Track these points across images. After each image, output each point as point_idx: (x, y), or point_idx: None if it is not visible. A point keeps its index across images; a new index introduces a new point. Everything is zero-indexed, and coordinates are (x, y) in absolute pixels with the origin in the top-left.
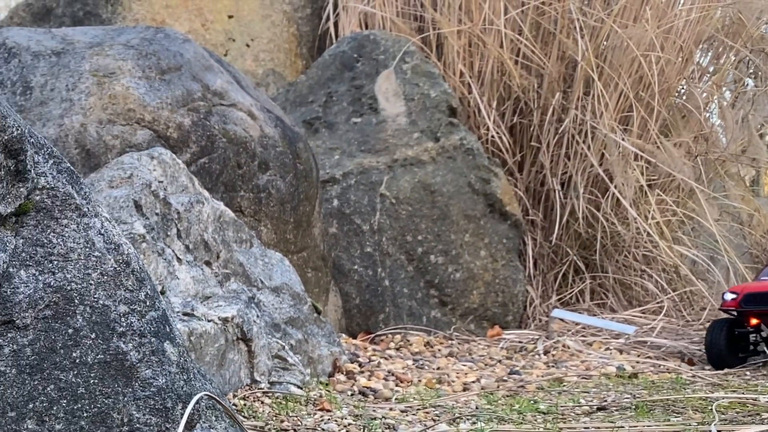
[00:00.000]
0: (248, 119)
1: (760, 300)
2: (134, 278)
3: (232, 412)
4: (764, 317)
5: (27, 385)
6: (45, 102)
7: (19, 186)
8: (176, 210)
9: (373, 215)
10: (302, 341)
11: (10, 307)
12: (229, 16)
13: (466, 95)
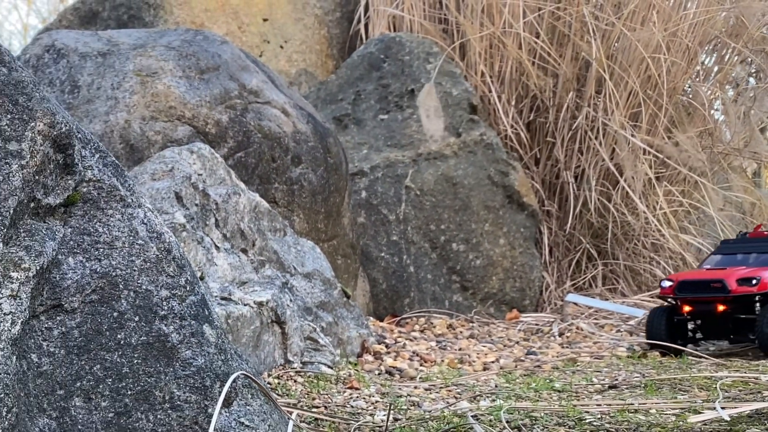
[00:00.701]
0: (282, 116)
1: (693, 288)
2: (175, 265)
3: (266, 390)
4: (696, 305)
5: (75, 365)
6: (92, 100)
7: (67, 178)
8: (214, 201)
9: (398, 206)
10: (332, 324)
11: (59, 291)
12: (264, 19)
13: (486, 94)
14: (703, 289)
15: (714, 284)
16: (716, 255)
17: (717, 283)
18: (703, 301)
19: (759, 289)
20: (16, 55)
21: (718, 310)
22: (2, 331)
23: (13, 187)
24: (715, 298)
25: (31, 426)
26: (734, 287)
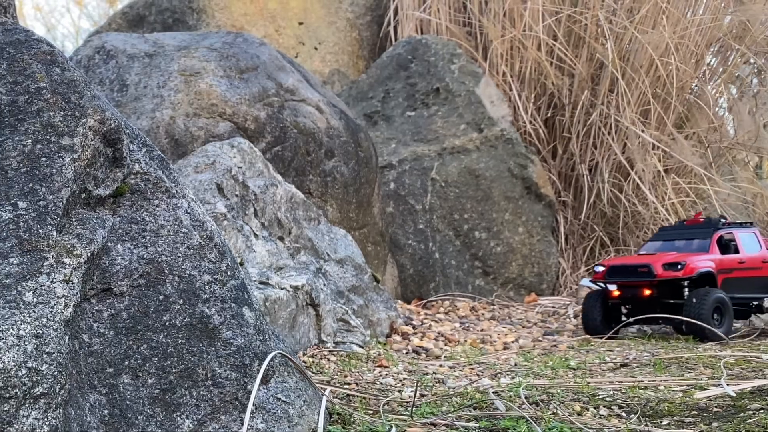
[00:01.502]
0: (316, 113)
1: (621, 272)
2: (217, 251)
3: (302, 368)
4: (625, 289)
5: (123, 345)
6: (139, 98)
7: (116, 171)
8: (253, 192)
9: (425, 196)
10: (363, 306)
11: (109, 276)
12: (299, 22)
13: (507, 92)
14: (631, 274)
15: (641, 269)
16: (654, 242)
17: (644, 267)
18: (630, 285)
19: (684, 274)
20: (68, 56)
21: (645, 294)
22: (56, 313)
23: (66, 179)
24: (642, 283)
25: (83, 401)
26: (660, 272)
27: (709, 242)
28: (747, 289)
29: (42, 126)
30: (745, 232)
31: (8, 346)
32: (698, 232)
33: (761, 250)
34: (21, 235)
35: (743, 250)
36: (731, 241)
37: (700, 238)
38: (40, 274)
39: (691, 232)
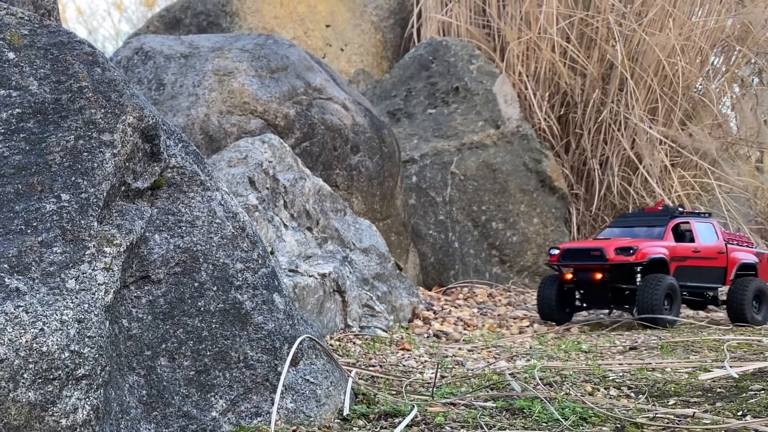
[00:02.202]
0: (342, 110)
1: (575, 256)
2: (249, 241)
3: (329, 351)
4: (577, 272)
5: (160, 329)
6: (175, 96)
7: (153, 165)
8: (283, 185)
9: (445, 189)
10: (387, 293)
11: (147, 264)
12: (327, 25)
13: (523, 91)
14: (584, 257)
15: (593, 252)
16: (612, 228)
17: (596, 251)
18: (583, 269)
19: (636, 259)
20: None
21: (596, 278)
22: (97, 300)
23: (107, 172)
24: (594, 266)
25: (122, 382)
26: (612, 256)
27: (665, 230)
28: (700, 278)
29: (84, 123)
30: (702, 222)
31: (52, 331)
32: (655, 219)
33: (718, 241)
34: (64, 225)
35: (698, 239)
36: (687, 231)
37: (656, 226)
38: (82, 263)
39: (648, 220)
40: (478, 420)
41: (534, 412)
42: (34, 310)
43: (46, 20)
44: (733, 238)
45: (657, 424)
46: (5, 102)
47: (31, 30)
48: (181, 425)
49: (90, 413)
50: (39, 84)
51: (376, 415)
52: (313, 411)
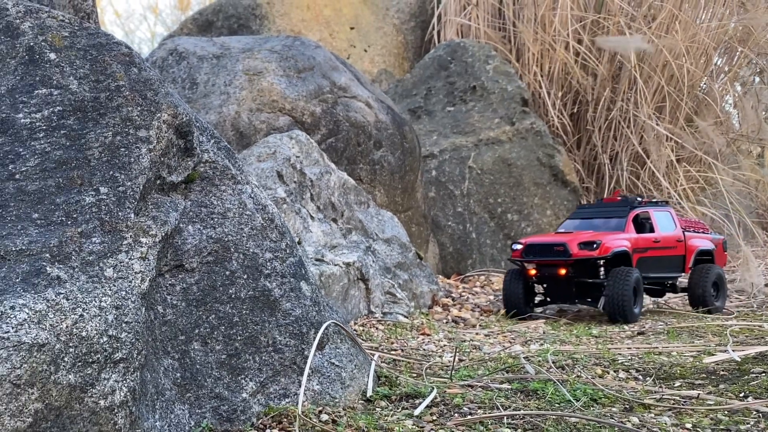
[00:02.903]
0: (366, 108)
1: (538, 251)
2: (277, 232)
3: (353, 336)
4: (541, 268)
5: (194, 315)
6: (207, 95)
7: (187, 160)
8: (310, 179)
9: (463, 183)
10: (408, 281)
11: (181, 254)
12: (351, 27)
13: (537, 89)
14: (547, 253)
15: (557, 248)
16: (572, 220)
17: (559, 246)
18: (547, 264)
19: (599, 253)
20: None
21: (561, 273)
22: (133, 287)
23: (143, 167)
24: (558, 261)
25: (158, 365)
26: (575, 251)
27: (625, 221)
28: (661, 268)
29: (121, 120)
30: (660, 210)
31: (91, 316)
32: (615, 210)
33: (676, 230)
34: (102, 217)
35: (658, 229)
36: (647, 220)
37: (616, 217)
38: (119, 252)
39: (608, 211)
40: (494, 401)
41: (547, 393)
42: (74, 297)
43: (86, 23)
44: (689, 225)
45: (663, 405)
46: (47, 100)
47: (71, 32)
48: (213, 406)
49: (127, 395)
50: (79, 83)
51: (397, 397)
52: (338, 393)
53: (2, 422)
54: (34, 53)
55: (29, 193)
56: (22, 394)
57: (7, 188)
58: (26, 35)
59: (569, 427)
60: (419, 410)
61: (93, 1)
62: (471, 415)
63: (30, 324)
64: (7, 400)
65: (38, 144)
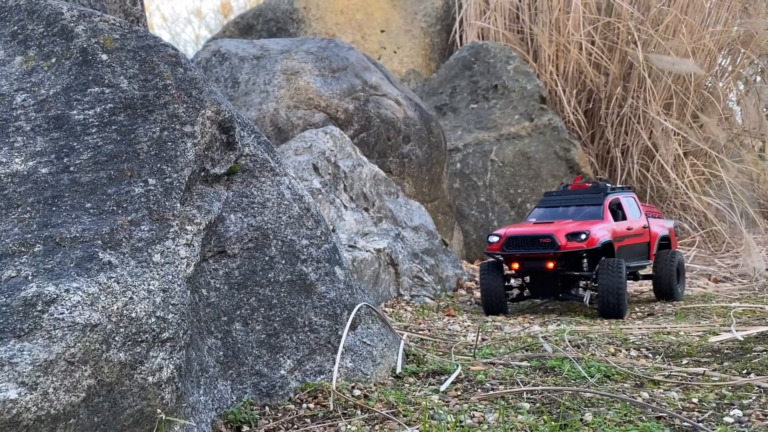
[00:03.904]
0: (395, 105)
1: (521, 243)
2: (313, 220)
3: (383, 317)
4: (525, 261)
5: (235, 297)
6: (248, 93)
7: (229, 153)
8: (343, 171)
9: (485, 174)
10: (434, 266)
11: (223, 241)
12: (381, 30)
13: (553, 88)
14: (532, 245)
15: (543, 239)
16: (542, 208)
17: (546, 238)
18: (532, 257)
19: (588, 245)
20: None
21: (548, 267)
22: (179, 272)
23: (188, 159)
24: (546, 255)
25: (202, 344)
26: (564, 242)
27: (602, 209)
28: (633, 257)
29: (168, 116)
30: (628, 197)
31: (140, 299)
32: (588, 197)
33: (641, 216)
34: (151, 206)
35: (629, 216)
36: (619, 207)
37: (590, 204)
38: (166, 239)
39: (580, 198)
40: (514, 377)
41: (563, 370)
42: (124, 281)
43: (135, 26)
44: (648, 211)
45: (671, 381)
46: (99, 98)
47: (121, 35)
48: (254, 382)
49: (173, 371)
50: (128, 82)
51: (425, 373)
52: (369, 369)
53: (58, 397)
54: (87, 54)
55: (83, 185)
56: (76, 371)
57: (63, 180)
58: (80, 37)
59: (584, 402)
60: (445, 386)
61: (142, 6)
62: (493, 390)
63: (83, 306)
64: (62, 377)
65: (91, 139)
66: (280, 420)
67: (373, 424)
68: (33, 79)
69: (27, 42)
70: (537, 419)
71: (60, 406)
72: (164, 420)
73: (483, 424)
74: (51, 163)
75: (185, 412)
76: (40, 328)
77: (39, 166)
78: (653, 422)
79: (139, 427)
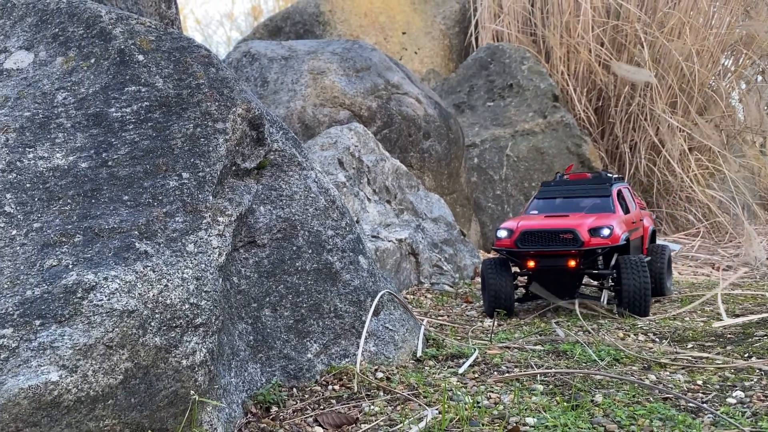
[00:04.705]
0: (416, 103)
1: (539, 239)
2: (338, 212)
3: (405, 303)
4: (544, 259)
5: (264, 285)
6: (277, 91)
7: (259, 149)
8: (367, 165)
9: (501, 169)
10: (453, 255)
11: (253, 231)
12: (403, 32)
13: (565, 87)
14: (551, 241)
15: (564, 235)
16: (542, 200)
17: (568, 233)
18: (551, 254)
19: (612, 241)
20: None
21: (570, 265)
22: (212, 261)
23: (220, 155)
24: (566, 252)
25: (233, 329)
26: (587, 238)
27: (611, 200)
28: (634, 252)
29: (201, 114)
30: (625, 187)
31: (174, 286)
32: (593, 188)
33: (637, 208)
34: (185, 199)
35: (631, 208)
36: (622, 199)
37: (597, 196)
38: (199, 230)
39: (584, 188)
40: (528, 360)
41: (575, 354)
42: (159, 269)
43: (170, 28)
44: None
45: (677, 365)
46: (135, 96)
47: (157, 36)
48: (282, 365)
49: (206, 355)
50: (164, 81)
51: (444, 357)
52: (391, 353)
53: (97, 379)
54: (124, 55)
55: (120, 178)
56: (114, 355)
57: (101, 174)
58: (117, 39)
59: (595, 384)
60: (463, 369)
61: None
62: (508, 372)
63: (121, 293)
64: (101, 360)
65: (128, 135)
66: (307, 401)
67: (395, 404)
68: (73, 79)
69: (68, 43)
70: (550, 400)
71: (99, 387)
72: (197, 401)
73: (499, 404)
74: (90, 158)
75: (217, 394)
76: (80, 314)
77: (79, 160)
78: (660, 403)
79: (173, 408)
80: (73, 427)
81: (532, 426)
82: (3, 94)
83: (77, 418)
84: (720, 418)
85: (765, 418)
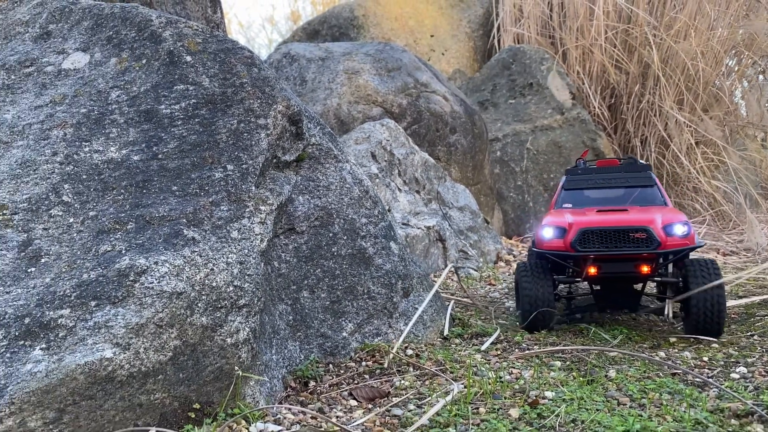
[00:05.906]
0: (443, 101)
1: (604, 239)
2: (371, 201)
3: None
4: (609, 265)
5: (303, 269)
6: (314, 90)
7: (298, 143)
8: (398, 158)
9: (522, 161)
10: (477, 241)
11: (293, 219)
12: (431, 35)
13: (581, 86)
14: (620, 241)
15: (636, 234)
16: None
17: (640, 232)
18: (619, 258)
19: (690, 242)
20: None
21: (643, 271)
22: (254, 246)
23: (262, 148)
24: (639, 255)
25: (274, 310)
26: (663, 238)
27: (658, 191)
28: None
29: (244, 110)
30: None
31: (220, 270)
32: (632, 176)
33: None
34: (229, 189)
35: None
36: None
37: (639, 186)
38: (243, 218)
39: (621, 178)
40: (547, 339)
41: (590, 332)
42: (206, 254)
43: (215, 31)
44: None
45: (685, 343)
46: (184, 94)
47: (203, 39)
48: (319, 343)
49: (249, 333)
50: (210, 80)
51: (469, 335)
52: (420, 332)
53: (148, 356)
54: (173, 56)
55: (169, 170)
56: (164, 333)
57: (152, 166)
58: (167, 41)
59: (608, 360)
60: (486, 346)
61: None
62: (528, 350)
63: (170, 276)
64: (152, 338)
65: (177, 130)
66: (342, 376)
67: (423, 379)
68: (126, 78)
69: (121, 45)
70: (567, 375)
71: (150, 363)
72: (241, 376)
73: (520, 379)
74: (142, 152)
75: (259, 369)
76: (132, 296)
77: (131, 153)
78: (669, 378)
79: (218, 383)
80: (125, 400)
81: (551, 399)
82: (61, 92)
83: (130, 391)
84: (724, 391)
85: (766, 392)
